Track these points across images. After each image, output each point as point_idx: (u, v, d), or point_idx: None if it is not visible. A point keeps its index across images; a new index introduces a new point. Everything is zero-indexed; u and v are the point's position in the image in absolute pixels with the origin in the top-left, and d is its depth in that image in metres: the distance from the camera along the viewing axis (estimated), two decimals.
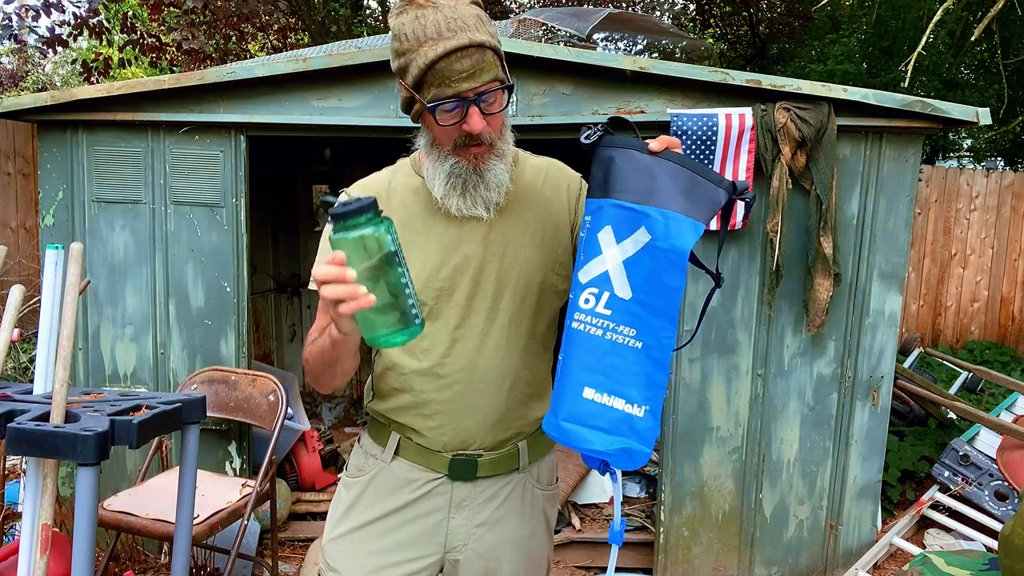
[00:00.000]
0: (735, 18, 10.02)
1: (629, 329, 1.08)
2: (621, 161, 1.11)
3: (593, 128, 1.14)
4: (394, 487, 1.35)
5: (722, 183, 1.11)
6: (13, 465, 3.30)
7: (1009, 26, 6.25)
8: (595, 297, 1.09)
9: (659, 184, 1.09)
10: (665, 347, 1.09)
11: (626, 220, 1.09)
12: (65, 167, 2.83)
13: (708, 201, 1.10)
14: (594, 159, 1.14)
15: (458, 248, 1.27)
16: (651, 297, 1.08)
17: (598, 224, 1.11)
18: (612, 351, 1.08)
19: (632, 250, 1.08)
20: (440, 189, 1.24)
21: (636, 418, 1.08)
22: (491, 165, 1.22)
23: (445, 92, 1.13)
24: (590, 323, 1.09)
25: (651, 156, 1.10)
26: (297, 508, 3.38)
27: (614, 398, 1.08)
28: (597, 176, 1.13)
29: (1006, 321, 6.46)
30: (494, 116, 1.20)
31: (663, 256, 1.07)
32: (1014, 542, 1.01)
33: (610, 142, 1.13)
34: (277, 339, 4.87)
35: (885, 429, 2.88)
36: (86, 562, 1.60)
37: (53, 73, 13.10)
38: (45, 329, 1.90)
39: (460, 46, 1.10)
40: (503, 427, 1.33)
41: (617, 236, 1.09)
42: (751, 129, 2.64)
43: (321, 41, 6.86)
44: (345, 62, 2.67)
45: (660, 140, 1.11)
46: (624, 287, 1.08)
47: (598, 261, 1.10)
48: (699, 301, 2.84)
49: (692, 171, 1.10)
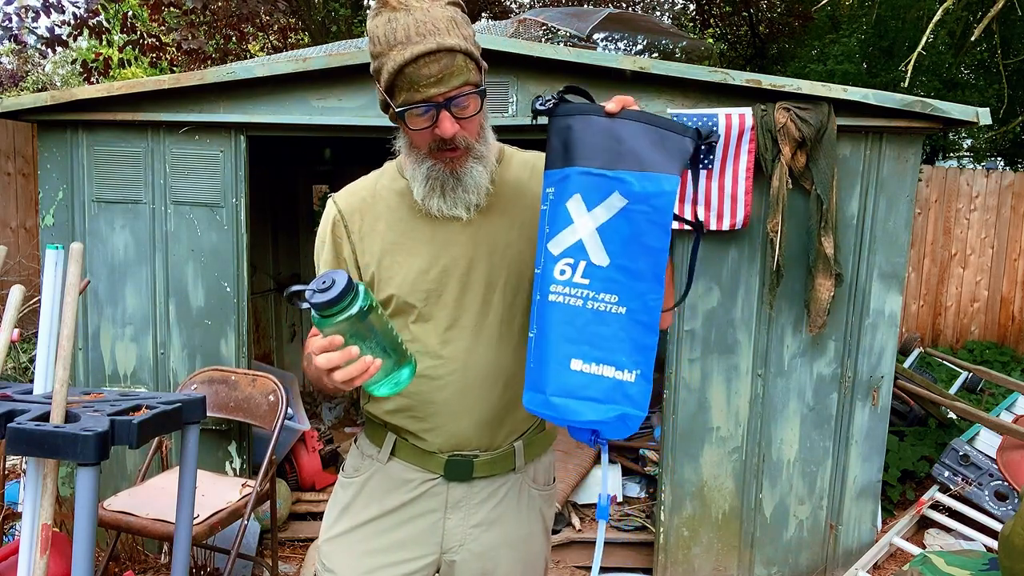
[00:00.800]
0: (735, 18, 10.03)
1: (610, 296, 1.06)
2: (581, 127, 1.08)
3: (547, 96, 1.12)
4: (390, 487, 1.35)
5: (687, 131, 1.08)
6: (13, 465, 3.30)
7: (1009, 26, 6.25)
8: (571, 267, 1.07)
9: (625, 146, 1.06)
10: (652, 309, 1.06)
11: (596, 187, 1.06)
12: (65, 167, 2.83)
13: (678, 152, 1.07)
14: (551, 129, 1.12)
15: (446, 249, 1.27)
16: (632, 261, 1.06)
17: (565, 193, 1.08)
18: (595, 320, 1.06)
19: (605, 216, 1.06)
20: (420, 191, 1.24)
21: (628, 383, 1.06)
22: (468, 168, 1.21)
23: (414, 97, 1.12)
24: (569, 294, 1.07)
25: (610, 118, 1.08)
26: (297, 508, 3.38)
27: (603, 366, 1.06)
28: (556, 145, 1.11)
29: (1006, 321, 6.45)
30: (468, 120, 1.18)
31: (643, 218, 1.05)
32: (1014, 542, 1.01)
33: (566, 110, 1.10)
34: (277, 339, 4.87)
35: (885, 429, 2.88)
36: (86, 562, 1.60)
37: (53, 73, 13.10)
38: (45, 329, 1.90)
39: (428, 51, 1.09)
40: (498, 426, 1.32)
41: (588, 203, 1.07)
42: (751, 129, 2.64)
43: (321, 41, 6.86)
44: (345, 62, 2.67)
45: (615, 100, 1.09)
46: (600, 254, 1.06)
47: (570, 231, 1.07)
48: (699, 301, 2.84)
49: (655, 126, 1.08)
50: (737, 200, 2.70)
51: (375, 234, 1.29)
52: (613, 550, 3.12)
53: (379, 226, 1.29)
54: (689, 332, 2.85)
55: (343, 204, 1.32)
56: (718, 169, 2.69)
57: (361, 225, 1.30)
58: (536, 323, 1.11)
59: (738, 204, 2.71)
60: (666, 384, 2.89)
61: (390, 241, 1.28)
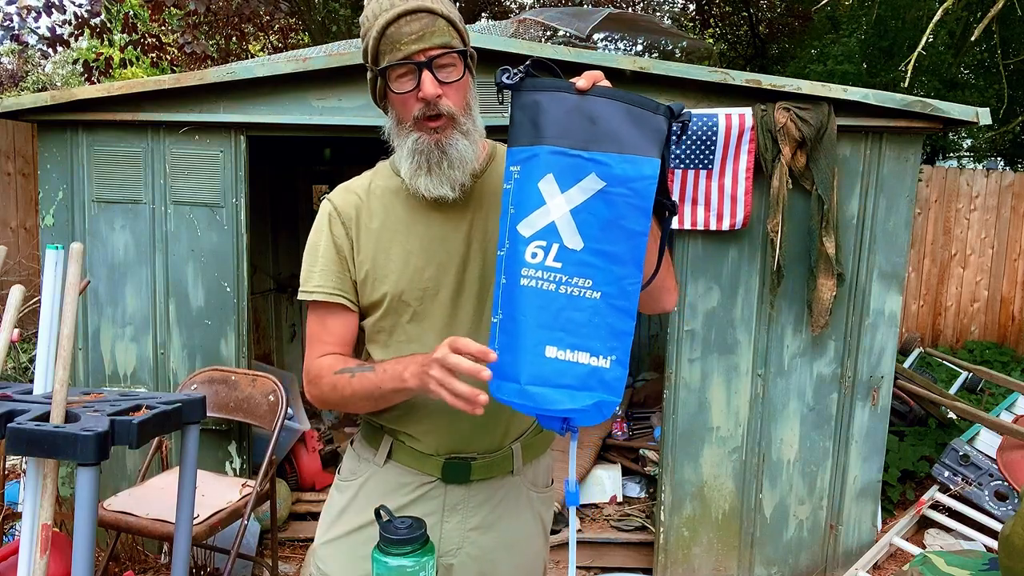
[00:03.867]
0: (735, 18, 10.03)
1: (584, 280, 1.02)
2: (551, 104, 1.04)
3: (513, 70, 1.06)
4: (387, 491, 1.34)
5: (659, 108, 1.05)
6: (13, 465, 3.30)
7: (1009, 26, 6.24)
8: (543, 250, 1.02)
9: (600, 126, 1.02)
10: (630, 294, 1.03)
11: (570, 167, 1.02)
12: (65, 167, 2.83)
13: (652, 132, 1.03)
14: (515, 104, 1.07)
15: (440, 246, 1.27)
16: (610, 245, 1.02)
17: (535, 172, 1.03)
18: (569, 305, 1.02)
19: (580, 198, 1.02)
20: (406, 169, 1.23)
21: (603, 369, 1.02)
22: (454, 140, 1.20)
23: (396, 56, 1.15)
24: (541, 278, 1.02)
25: (581, 95, 1.04)
26: (297, 508, 3.38)
27: (578, 353, 1.02)
28: (521, 121, 1.06)
29: (1006, 321, 6.45)
30: (451, 87, 1.18)
31: (622, 200, 1.02)
32: (1014, 542, 1.01)
33: (533, 85, 1.06)
34: (277, 339, 4.87)
35: (885, 429, 2.88)
36: (86, 562, 1.60)
37: (53, 73, 13.10)
38: (45, 329, 1.90)
39: (409, 9, 1.14)
40: (496, 428, 1.32)
41: (561, 185, 1.02)
42: (751, 129, 2.64)
43: (321, 41, 6.86)
44: (345, 62, 2.67)
45: (585, 76, 1.06)
46: (574, 237, 1.02)
47: (542, 212, 1.03)
48: (699, 301, 2.84)
49: (627, 103, 1.03)
50: (737, 200, 2.70)
51: (370, 232, 1.29)
52: (613, 550, 3.12)
53: (374, 224, 1.29)
54: (689, 332, 2.85)
55: (339, 202, 1.31)
56: (718, 169, 2.69)
57: (357, 223, 1.29)
58: (502, 308, 1.05)
59: (738, 204, 2.71)
60: (666, 384, 2.89)
61: (385, 239, 1.28)
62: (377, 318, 1.30)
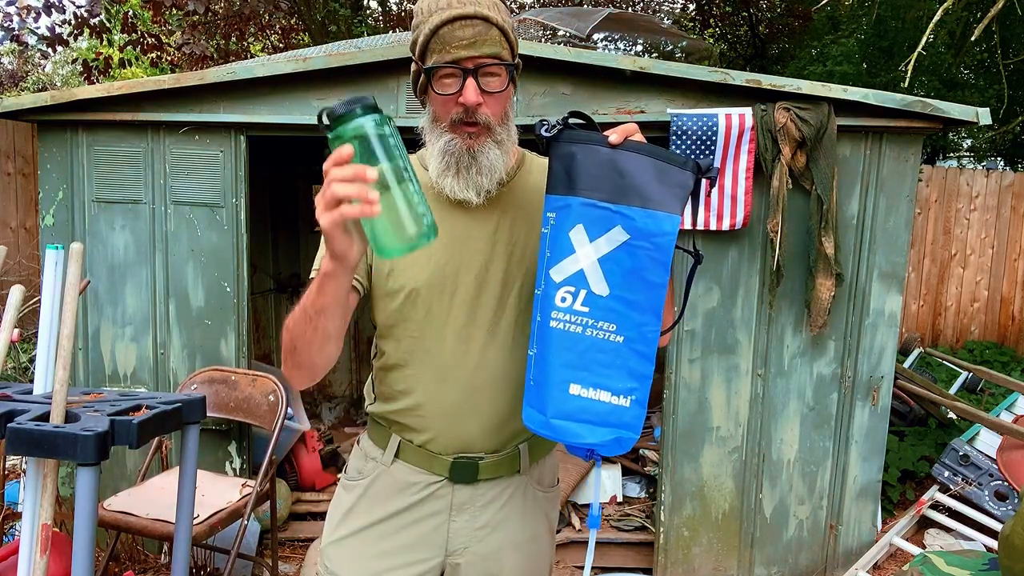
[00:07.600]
0: (735, 18, 10.03)
1: (609, 324, 1.10)
2: (584, 157, 1.10)
3: (552, 122, 1.14)
4: (394, 490, 1.34)
5: (687, 164, 1.10)
6: (13, 465, 3.30)
7: (1009, 26, 6.24)
8: (572, 295, 1.11)
9: (628, 180, 1.09)
10: (649, 340, 1.11)
11: (599, 219, 1.10)
12: (65, 167, 2.83)
13: (678, 188, 1.10)
14: (552, 153, 1.14)
15: (464, 245, 1.26)
16: (632, 293, 1.10)
17: (567, 222, 1.11)
18: (594, 347, 1.10)
19: (607, 248, 1.10)
20: (435, 168, 1.22)
21: (623, 409, 1.11)
22: (486, 148, 1.20)
23: (444, 57, 1.15)
24: (569, 321, 1.11)
25: (613, 149, 1.10)
26: (297, 508, 3.38)
27: (600, 391, 1.11)
28: (558, 171, 1.13)
29: (1006, 321, 6.45)
30: (493, 97, 1.19)
31: (644, 254, 1.09)
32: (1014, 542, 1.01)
33: (569, 137, 1.12)
34: (277, 339, 4.87)
35: (885, 429, 2.88)
36: (86, 562, 1.60)
37: (53, 73, 13.10)
38: (45, 329, 1.90)
39: (465, 14, 1.14)
40: (505, 429, 1.32)
41: (590, 235, 1.10)
42: (751, 129, 2.64)
43: (321, 41, 6.85)
44: (345, 62, 2.67)
45: (618, 131, 1.10)
46: (601, 284, 1.10)
47: (571, 260, 1.11)
48: (699, 301, 2.84)
49: (656, 158, 1.10)
50: (737, 200, 2.71)
51: None
52: (613, 550, 3.12)
53: None
54: (689, 332, 2.85)
55: None
56: (718, 169, 2.69)
57: None
58: (536, 343, 1.14)
59: (738, 204, 2.71)
60: (666, 384, 2.89)
61: None
62: (391, 310, 1.28)
